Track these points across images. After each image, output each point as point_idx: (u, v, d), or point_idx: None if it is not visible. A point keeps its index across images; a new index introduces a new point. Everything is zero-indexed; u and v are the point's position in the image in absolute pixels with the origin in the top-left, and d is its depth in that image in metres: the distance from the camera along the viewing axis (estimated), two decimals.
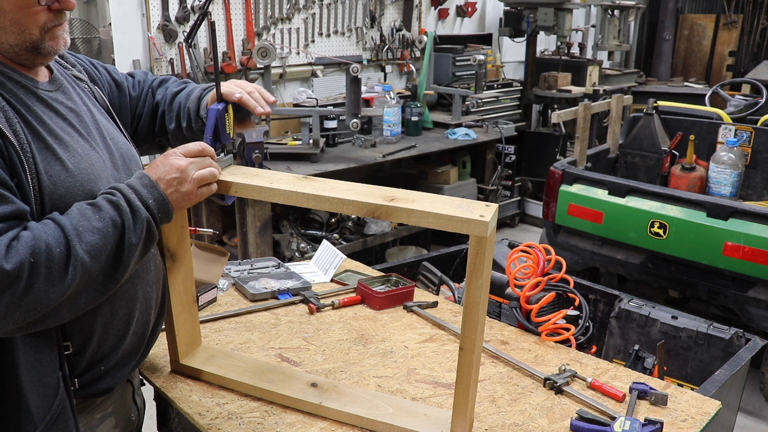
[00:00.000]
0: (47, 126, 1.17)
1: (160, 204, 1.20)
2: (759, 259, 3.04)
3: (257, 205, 3.86)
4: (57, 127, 1.19)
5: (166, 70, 4.12)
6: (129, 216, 1.14)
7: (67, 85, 1.30)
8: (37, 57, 1.19)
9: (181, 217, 1.49)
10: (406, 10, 5.39)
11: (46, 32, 1.16)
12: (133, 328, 1.31)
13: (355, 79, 3.98)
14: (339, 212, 1.23)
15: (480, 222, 1.15)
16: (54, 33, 1.18)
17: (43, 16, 1.15)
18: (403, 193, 1.25)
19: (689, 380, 2.46)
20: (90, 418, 1.31)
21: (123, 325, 1.28)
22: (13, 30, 1.13)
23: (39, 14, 1.14)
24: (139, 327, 1.33)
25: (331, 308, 2.01)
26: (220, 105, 1.38)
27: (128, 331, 1.30)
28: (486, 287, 1.24)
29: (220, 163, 1.33)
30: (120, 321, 1.27)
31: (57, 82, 1.27)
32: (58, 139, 1.17)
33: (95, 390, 1.28)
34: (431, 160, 5.20)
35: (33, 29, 1.15)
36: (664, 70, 8.61)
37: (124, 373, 1.33)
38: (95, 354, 1.25)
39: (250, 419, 1.43)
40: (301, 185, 1.29)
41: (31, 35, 1.15)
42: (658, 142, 4.22)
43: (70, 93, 1.29)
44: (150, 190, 1.19)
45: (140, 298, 1.31)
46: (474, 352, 1.27)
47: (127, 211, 1.14)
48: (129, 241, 1.13)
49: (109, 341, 1.27)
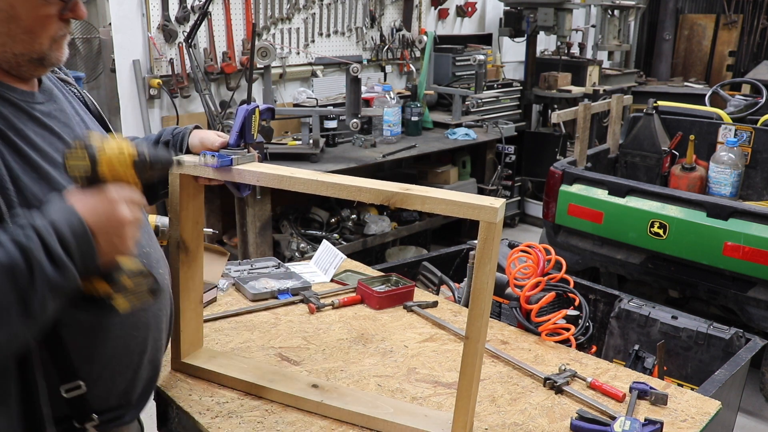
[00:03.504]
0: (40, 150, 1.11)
1: (87, 258, 1.00)
2: (759, 259, 3.04)
3: (257, 205, 3.86)
4: (46, 144, 1.13)
5: (166, 70, 4.12)
6: (45, 266, 0.95)
7: (57, 93, 1.25)
8: (38, 68, 1.14)
9: (196, 212, 1.50)
10: (406, 10, 5.39)
11: (54, 42, 1.12)
12: (147, 356, 1.28)
13: (355, 79, 3.98)
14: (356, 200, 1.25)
15: (490, 208, 1.20)
16: (60, 44, 1.14)
17: (55, 26, 1.10)
18: (416, 186, 1.31)
19: (689, 380, 2.46)
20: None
21: (138, 354, 1.25)
22: (24, 39, 1.08)
23: (52, 23, 1.09)
24: (153, 354, 1.30)
25: (331, 308, 2.01)
26: (250, 106, 1.44)
27: (143, 360, 1.27)
28: (493, 275, 1.25)
29: (243, 159, 1.41)
30: (134, 351, 1.23)
31: (47, 92, 1.22)
32: (46, 158, 1.11)
33: (119, 423, 1.26)
34: (431, 160, 5.20)
35: (44, 39, 1.10)
36: (664, 70, 8.61)
37: (146, 402, 1.32)
38: (111, 388, 1.22)
39: (250, 418, 1.43)
40: (320, 176, 1.34)
41: (40, 45, 1.10)
42: (658, 142, 4.22)
43: (61, 101, 1.24)
44: (78, 238, 0.99)
45: (152, 325, 1.27)
46: (479, 341, 1.27)
47: (43, 261, 0.95)
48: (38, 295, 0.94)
49: (125, 374, 1.23)
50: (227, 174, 1.39)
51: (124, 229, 1.05)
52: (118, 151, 1.06)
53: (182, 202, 1.46)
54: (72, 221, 0.99)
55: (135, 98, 4.07)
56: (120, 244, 1.06)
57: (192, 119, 4.22)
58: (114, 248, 1.05)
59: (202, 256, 1.55)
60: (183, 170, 1.43)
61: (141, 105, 4.09)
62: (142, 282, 1.11)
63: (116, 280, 1.08)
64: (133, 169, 1.08)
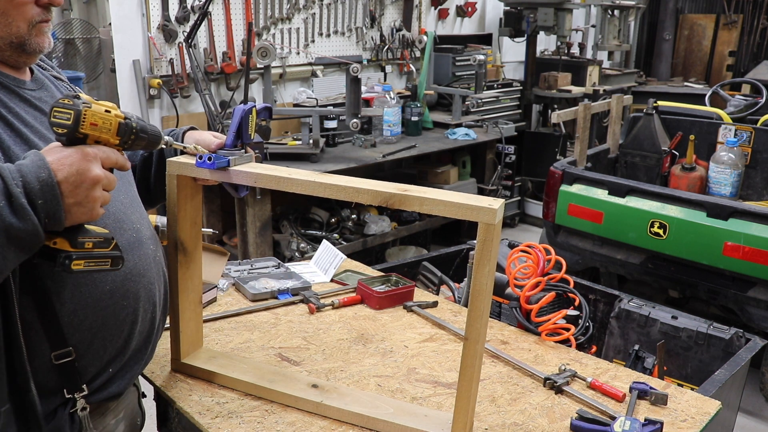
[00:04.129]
0: (27, 123, 1.14)
1: (52, 211, 0.98)
2: (759, 259, 3.04)
3: (257, 205, 3.86)
4: (38, 123, 1.16)
5: (166, 70, 4.12)
6: (5, 210, 0.93)
7: (49, 84, 1.28)
8: (21, 55, 1.16)
9: (194, 213, 1.50)
10: (406, 10, 5.39)
11: (33, 27, 1.14)
12: (138, 327, 1.29)
13: (355, 79, 3.98)
14: (354, 201, 1.24)
15: (489, 209, 1.19)
16: (41, 29, 1.16)
17: (31, 10, 1.13)
18: (415, 186, 1.30)
19: (689, 380, 2.46)
20: (104, 423, 1.31)
21: (128, 324, 1.26)
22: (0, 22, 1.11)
23: (27, 6, 1.12)
24: (144, 326, 1.31)
25: (331, 308, 2.01)
26: (247, 105, 1.43)
27: (134, 330, 1.28)
28: (492, 276, 1.25)
29: (240, 160, 1.39)
30: (125, 321, 1.24)
31: (39, 81, 1.25)
32: (38, 135, 1.14)
33: (107, 394, 1.26)
34: (431, 160, 5.20)
35: (20, 22, 1.12)
36: (664, 70, 8.61)
37: (133, 374, 1.32)
38: (101, 357, 1.23)
39: (250, 418, 1.43)
40: (317, 177, 1.34)
41: (18, 28, 1.12)
42: (658, 142, 4.22)
43: (53, 91, 1.27)
44: (45, 189, 0.97)
45: (143, 296, 1.28)
46: (479, 342, 1.27)
47: (2, 204, 0.93)
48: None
49: (114, 343, 1.24)
50: (224, 175, 1.38)
51: (94, 187, 1.03)
52: (105, 111, 1.05)
53: (180, 202, 1.46)
54: (40, 173, 0.97)
55: (135, 98, 4.08)
56: (87, 202, 1.03)
57: (192, 119, 4.22)
58: (81, 207, 1.03)
59: (201, 257, 1.55)
60: (180, 171, 1.42)
61: (141, 105, 4.09)
62: (105, 249, 1.08)
63: (78, 242, 1.04)
64: (118, 132, 1.07)
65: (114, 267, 1.12)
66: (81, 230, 1.06)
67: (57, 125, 1.02)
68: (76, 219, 1.03)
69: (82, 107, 1.02)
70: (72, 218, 1.02)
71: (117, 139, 1.07)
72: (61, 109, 1.02)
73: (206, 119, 4.10)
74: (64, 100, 1.02)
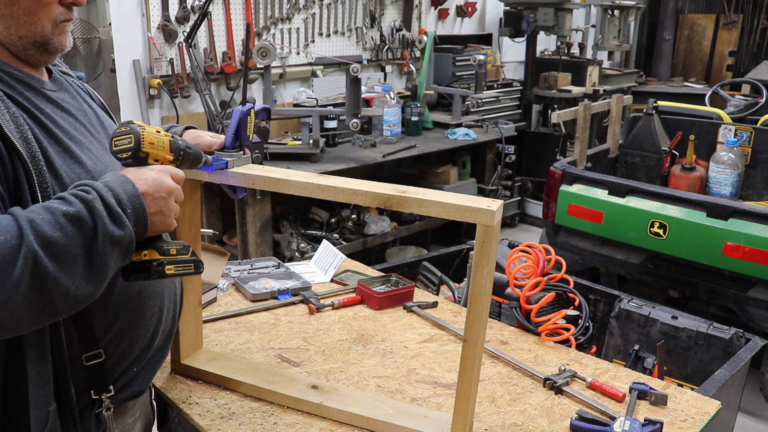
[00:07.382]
0: (62, 127, 1.15)
1: (140, 219, 1.06)
2: (759, 259, 3.04)
3: (257, 205, 3.86)
4: (71, 127, 1.17)
5: (166, 70, 4.12)
6: (105, 219, 0.99)
7: (67, 85, 1.29)
8: (43, 54, 1.17)
9: (193, 214, 1.50)
10: (406, 10, 5.38)
11: (56, 26, 1.15)
12: (162, 326, 1.30)
13: (355, 79, 3.98)
14: (352, 203, 1.26)
15: (487, 211, 1.19)
16: (63, 28, 1.16)
17: (56, 9, 1.13)
18: (413, 188, 1.30)
19: (689, 380, 2.46)
20: (124, 422, 1.31)
21: (154, 324, 1.27)
22: (26, 20, 1.11)
23: (52, 6, 1.12)
24: (167, 324, 1.33)
25: (331, 308, 2.01)
26: (245, 107, 1.44)
27: (158, 329, 1.29)
28: (491, 277, 1.25)
29: (239, 162, 1.40)
30: (151, 320, 1.26)
31: (58, 82, 1.25)
32: (74, 141, 1.15)
33: (129, 393, 1.27)
34: (431, 160, 5.20)
35: (45, 21, 1.12)
36: (664, 70, 8.61)
37: (154, 372, 1.33)
38: (128, 357, 1.24)
39: (250, 419, 1.43)
40: (315, 179, 1.34)
41: (42, 27, 1.13)
42: (658, 142, 4.22)
43: (72, 92, 1.28)
44: (132, 200, 1.05)
45: (167, 295, 1.31)
46: (478, 343, 1.27)
47: (103, 214, 0.99)
48: (99, 249, 0.98)
49: (141, 342, 1.25)
50: (222, 177, 1.37)
51: (170, 197, 1.12)
52: (156, 131, 1.15)
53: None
54: (125, 186, 1.06)
55: (135, 98, 4.07)
56: (166, 212, 1.11)
57: (192, 119, 4.22)
58: (161, 216, 1.11)
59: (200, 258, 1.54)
60: None
61: (141, 105, 4.09)
62: (186, 255, 1.16)
63: (164, 249, 1.13)
64: (170, 149, 1.17)
65: (197, 271, 1.19)
66: (162, 239, 1.15)
67: (120, 151, 1.11)
68: (156, 228, 1.11)
69: (138, 129, 1.11)
70: (154, 227, 1.10)
71: (171, 155, 1.17)
72: (120, 137, 1.11)
73: (206, 119, 4.10)
74: (121, 129, 1.11)
